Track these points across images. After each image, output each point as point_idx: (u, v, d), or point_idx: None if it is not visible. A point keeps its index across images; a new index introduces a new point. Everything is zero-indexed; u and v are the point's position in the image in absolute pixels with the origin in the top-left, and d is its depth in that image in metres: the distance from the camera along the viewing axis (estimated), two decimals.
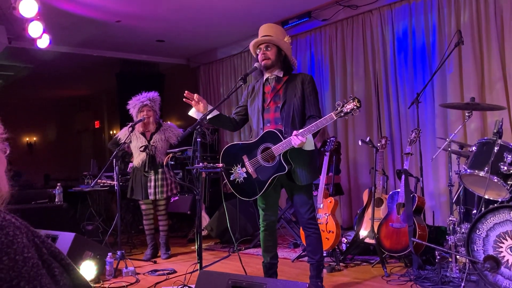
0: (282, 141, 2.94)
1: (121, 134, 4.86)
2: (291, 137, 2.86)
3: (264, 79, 3.21)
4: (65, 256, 1.11)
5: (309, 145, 2.95)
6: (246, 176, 3.08)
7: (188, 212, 5.90)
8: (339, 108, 2.82)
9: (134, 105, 4.82)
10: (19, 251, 0.93)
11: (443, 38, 5.14)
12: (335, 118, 2.84)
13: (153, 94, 4.87)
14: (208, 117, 3.04)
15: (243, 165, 3.10)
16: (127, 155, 5.01)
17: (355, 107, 2.78)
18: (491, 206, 3.02)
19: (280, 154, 2.95)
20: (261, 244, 3.28)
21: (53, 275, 1.02)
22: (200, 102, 3.11)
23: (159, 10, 6.05)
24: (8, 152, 1.16)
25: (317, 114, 3.07)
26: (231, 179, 3.14)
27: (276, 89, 3.15)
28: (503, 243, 2.91)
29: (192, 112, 3.18)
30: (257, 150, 3.05)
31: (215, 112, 3.14)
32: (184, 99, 3.13)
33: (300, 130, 2.87)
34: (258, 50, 3.16)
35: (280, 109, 3.09)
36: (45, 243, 1.04)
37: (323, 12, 6.29)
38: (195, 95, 3.12)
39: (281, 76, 3.17)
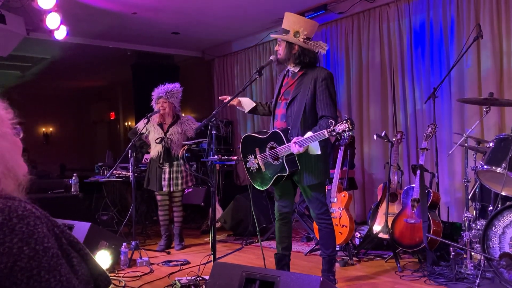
0: (285, 144, 2.94)
1: (140, 124, 4.91)
2: (291, 143, 2.86)
3: (286, 71, 3.23)
4: (83, 246, 1.12)
5: (314, 151, 2.92)
6: (257, 167, 3.16)
7: (202, 204, 5.92)
8: (331, 127, 2.76)
9: (155, 96, 4.87)
10: (40, 241, 0.95)
11: (461, 32, 5.05)
12: (327, 136, 2.79)
13: (173, 86, 4.89)
14: (246, 111, 3.41)
15: (255, 157, 3.15)
16: (144, 145, 5.06)
17: (346, 128, 2.70)
18: (508, 203, 2.99)
19: (283, 156, 2.96)
20: (275, 234, 3.31)
21: (72, 265, 1.03)
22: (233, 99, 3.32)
23: (175, 2, 6.05)
24: (22, 135, 1.17)
25: (329, 114, 2.98)
26: (247, 166, 3.24)
27: (289, 85, 3.14)
28: None
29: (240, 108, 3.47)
30: (266, 147, 3.09)
31: (252, 104, 3.39)
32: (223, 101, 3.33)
33: (300, 139, 2.85)
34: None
35: (287, 106, 3.08)
36: (64, 233, 1.06)
37: (340, 5, 6.23)
38: (224, 97, 3.38)
39: (297, 71, 3.15)
